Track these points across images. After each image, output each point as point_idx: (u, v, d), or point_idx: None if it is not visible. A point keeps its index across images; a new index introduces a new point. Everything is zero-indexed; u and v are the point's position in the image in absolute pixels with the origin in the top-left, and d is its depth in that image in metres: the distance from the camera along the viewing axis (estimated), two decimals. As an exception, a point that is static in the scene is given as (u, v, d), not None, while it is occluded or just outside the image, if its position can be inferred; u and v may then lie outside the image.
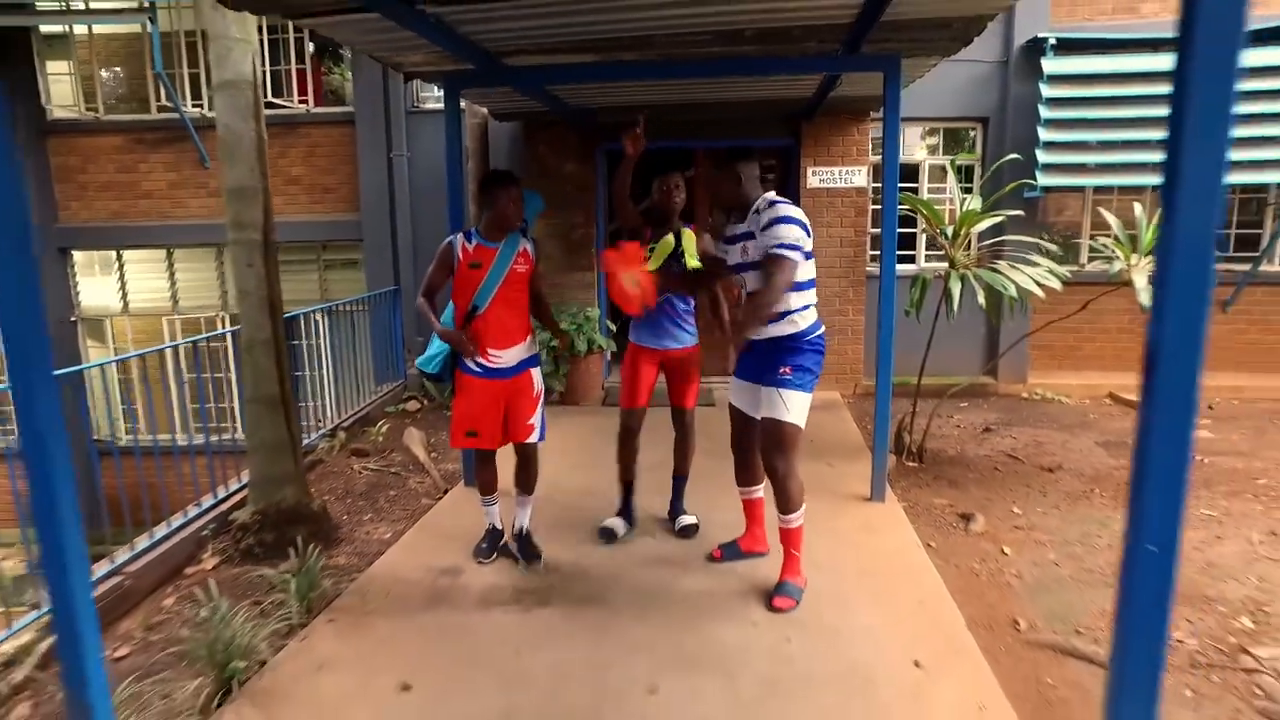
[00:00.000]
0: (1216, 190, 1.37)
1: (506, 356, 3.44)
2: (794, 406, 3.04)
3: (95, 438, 8.10)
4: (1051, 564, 3.83)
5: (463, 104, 4.96)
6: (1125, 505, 1.46)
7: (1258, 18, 6.71)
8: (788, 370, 3.02)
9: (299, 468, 4.19)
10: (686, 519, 3.98)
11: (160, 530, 4.01)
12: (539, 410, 3.56)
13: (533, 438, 3.55)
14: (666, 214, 3.65)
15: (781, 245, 2.92)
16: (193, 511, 4.27)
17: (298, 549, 3.62)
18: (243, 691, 2.74)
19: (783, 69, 4.48)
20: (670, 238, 3.62)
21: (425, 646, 3.00)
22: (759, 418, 3.12)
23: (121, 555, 3.70)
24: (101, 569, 3.59)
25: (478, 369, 3.45)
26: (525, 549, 3.70)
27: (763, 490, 3.47)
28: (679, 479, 4.02)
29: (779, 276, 2.88)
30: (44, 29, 7.86)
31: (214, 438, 5.24)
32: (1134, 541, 1.52)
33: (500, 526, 3.81)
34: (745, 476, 3.54)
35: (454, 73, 4.43)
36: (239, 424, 7.07)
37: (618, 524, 3.94)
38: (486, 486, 3.74)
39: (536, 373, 3.58)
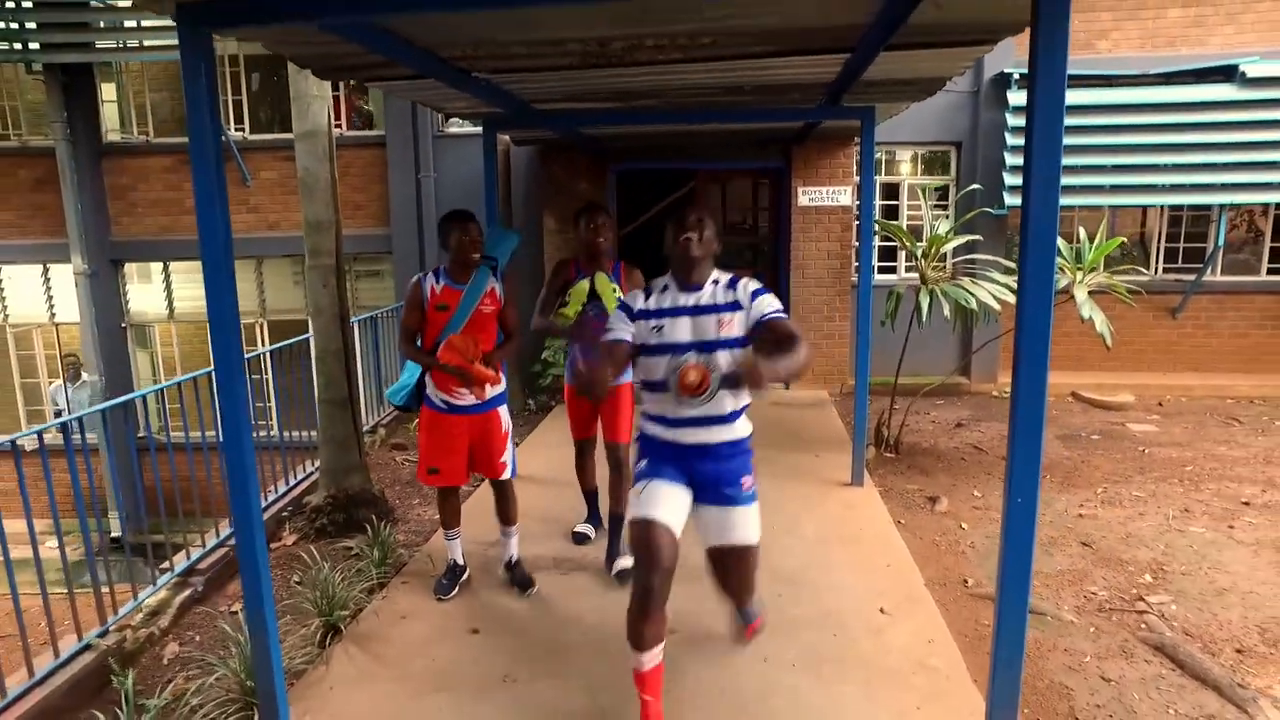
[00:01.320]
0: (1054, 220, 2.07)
1: (472, 394, 3.46)
2: (757, 521, 2.62)
3: (144, 434, 8.82)
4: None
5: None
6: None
7: (1197, 57, 7.49)
8: (749, 482, 2.58)
9: (363, 458, 4.91)
10: (623, 562, 3.77)
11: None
12: (509, 447, 3.60)
13: (506, 474, 3.59)
14: (592, 253, 3.67)
15: (783, 311, 2.49)
16: (271, 496, 4.99)
17: (370, 526, 4.34)
18: (346, 634, 3.47)
19: (774, 117, 5.21)
20: (585, 282, 3.65)
21: (486, 600, 3.72)
22: (721, 545, 2.59)
23: (225, 529, 4.42)
24: (211, 540, 4.31)
25: (442, 404, 3.48)
26: (517, 578, 3.76)
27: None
28: (615, 519, 3.85)
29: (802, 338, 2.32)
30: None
31: (258, 434, 5.89)
32: (1008, 498, 2.25)
33: (462, 562, 3.81)
34: (654, 630, 2.47)
35: (492, 116, 5.15)
36: (273, 422, 7.78)
37: (588, 529, 4.30)
38: (448, 521, 3.74)
39: (504, 411, 3.59)
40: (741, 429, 2.61)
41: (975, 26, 3.19)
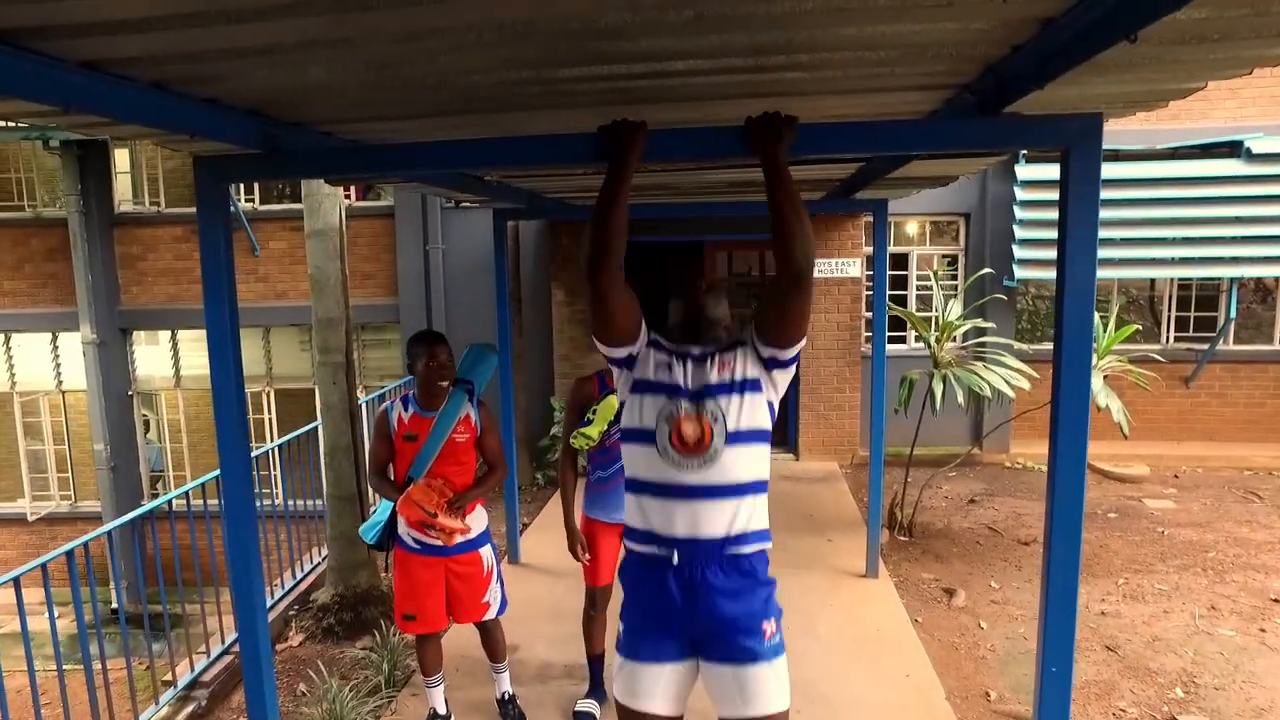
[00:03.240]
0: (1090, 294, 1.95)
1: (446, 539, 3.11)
2: (786, 680, 2.00)
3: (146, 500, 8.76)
4: (1021, 638, 4.46)
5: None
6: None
7: (1201, 131, 7.54)
8: (772, 629, 1.97)
9: (370, 555, 4.84)
10: (586, 705, 3.55)
11: (255, 611, 4.63)
12: (493, 586, 3.29)
13: (490, 614, 3.30)
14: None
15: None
16: (278, 593, 4.90)
17: (378, 630, 4.25)
18: (354, 759, 3.37)
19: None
20: (613, 398, 3.17)
21: (496, 713, 3.62)
22: (740, 718, 1.94)
23: (230, 635, 4.33)
24: (216, 648, 4.22)
25: (415, 545, 3.16)
26: (510, 715, 3.50)
27: None
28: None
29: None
30: (111, 131, 8.66)
31: (270, 502, 5.77)
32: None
33: (444, 711, 3.45)
34: None
35: (503, 209, 5.17)
36: (277, 489, 7.72)
37: (592, 706, 3.53)
38: (427, 668, 3.37)
39: (487, 552, 3.28)
40: (759, 517, 1.98)
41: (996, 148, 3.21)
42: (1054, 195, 7.51)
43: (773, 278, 1.91)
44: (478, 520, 3.24)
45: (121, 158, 8.95)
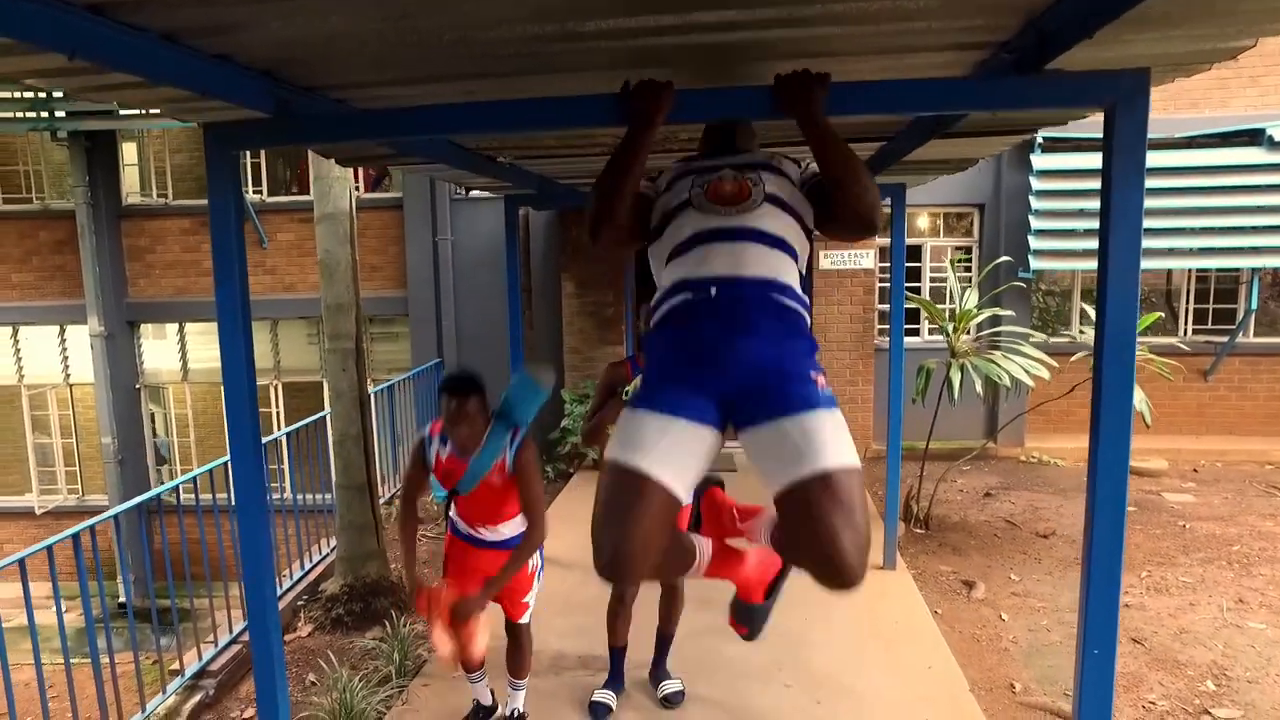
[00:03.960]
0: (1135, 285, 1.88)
1: (494, 533, 2.99)
2: (850, 438, 1.68)
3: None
4: (1044, 629, 4.37)
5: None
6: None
7: (1220, 120, 7.43)
8: (820, 378, 1.74)
9: (381, 545, 4.77)
10: (670, 685, 3.51)
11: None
12: (534, 589, 3.11)
13: (524, 617, 3.11)
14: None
15: None
16: (286, 583, 4.84)
17: (389, 620, 4.18)
18: (365, 749, 3.30)
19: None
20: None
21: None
22: (804, 476, 1.57)
23: (239, 625, 4.26)
24: (224, 638, 4.15)
25: (465, 534, 3.02)
26: None
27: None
28: (663, 639, 3.53)
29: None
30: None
31: (280, 495, 5.71)
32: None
33: (490, 701, 3.38)
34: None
35: (514, 195, 5.10)
36: (287, 483, 7.67)
37: (609, 697, 3.46)
38: (469, 663, 3.17)
39: (534, 559, 3.06)
40: (790, 274, 1.78)
41: (1026, 122, 3.11)
42: (1071, 185, 7.46)
43: (836, 205, 1.76)
44: (521, 523, 3.02)
45: (130, 150, 8.92)
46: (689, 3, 1.68)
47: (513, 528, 3.00)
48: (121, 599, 8.17)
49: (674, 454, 1.64)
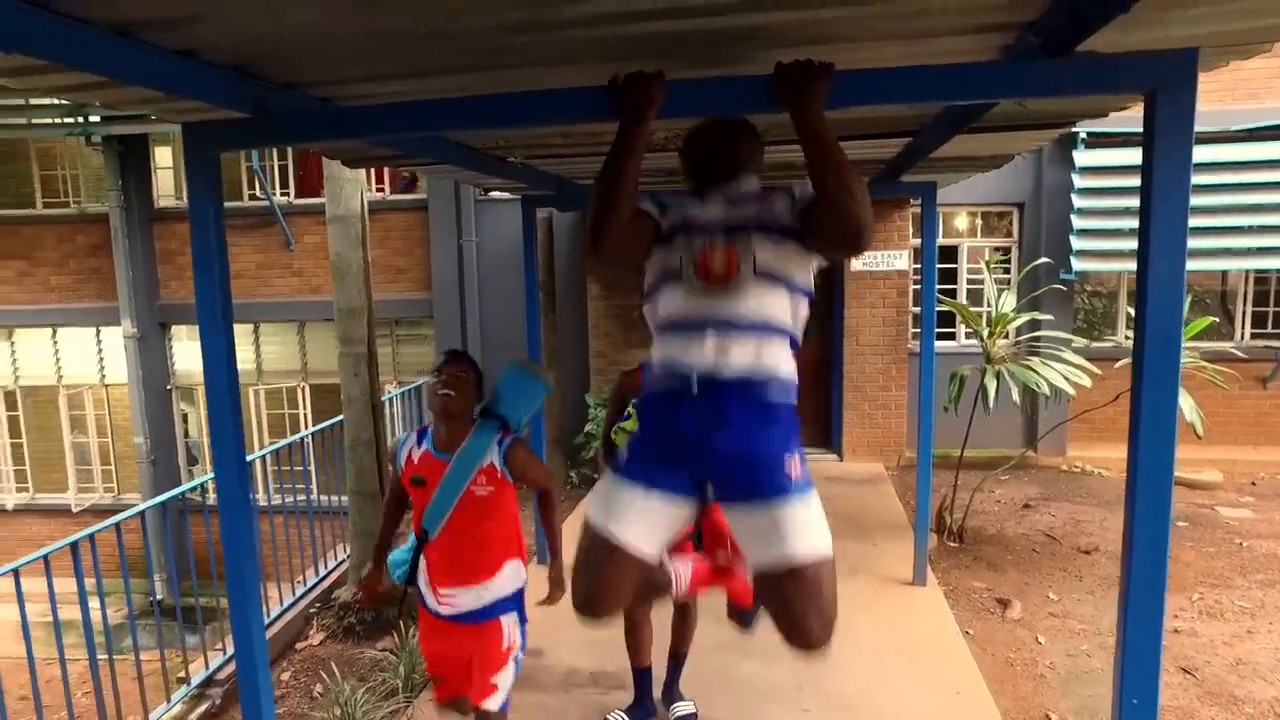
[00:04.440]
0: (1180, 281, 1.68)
1: (461, 599, 2.50)
2: (823, 521, 1.77)
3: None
4: (1084, 654, 4.12)
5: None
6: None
7: (1264, 111, 7.04)
8: (797, 464, 1.76)
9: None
10: (683, 707, 3.29)
11: (275, 608, 4.52)
12: (508, 669, 2.58)
13: (490, 702, 2.52)
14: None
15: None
16: (299, 590, 4.79)
17: (398, 630, 4.09)
18: (363, 767, 3.20)
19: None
20: None
21: (516, 728, 3.42)
22: (775, 564, 1.70)
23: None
24: (232, 646, 4.10)
25: (431, 606, 2.59)
26: None
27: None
28: (676, 658, 3.30)
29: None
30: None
31: (294, 498, 5.68)
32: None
33: None
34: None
35: (532, 197, 4.98)
36: (314, 485, 7.68)
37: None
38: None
39: (508, 622, 2.58)
40: (785, 364, 1.78)
41: (1059, 114, 2.90)
42: (1115, 182, 7.11)
43: (823, 218, 1.67)
44: (500, 586, 2.54)
45: (163, 154, 9.02)
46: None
47: (496, 587, 2.51)
48: (154, 596, 8.28)
49: (646, 523, 1.77)
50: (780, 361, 1.78)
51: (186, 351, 9.22)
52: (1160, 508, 1.79)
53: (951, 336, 7.94)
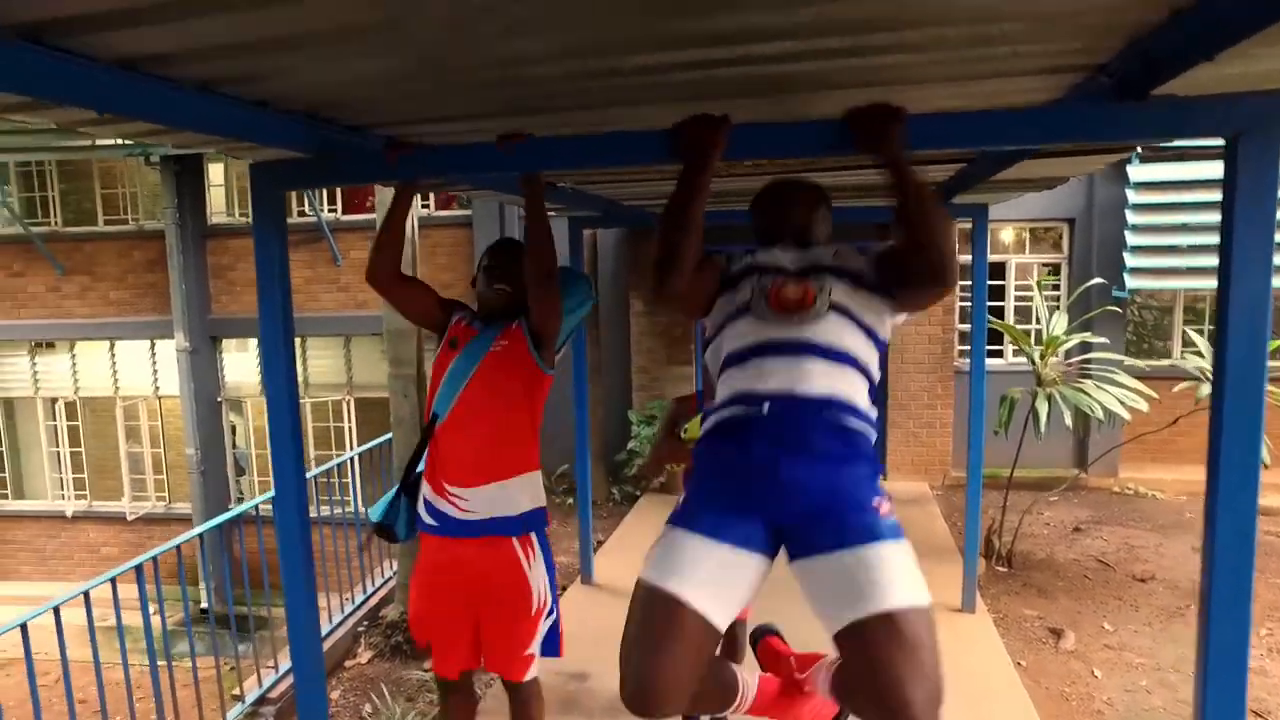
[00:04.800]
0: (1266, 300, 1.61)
1: (474, 501, 2.17)
2: (918, 570, 1.59)
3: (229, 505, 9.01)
4: (1144, 691, 4.00)
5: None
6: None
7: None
8: (884, 504, 1.61)
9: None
10: None
11: (324, 626, 4.59)
12: (541, 632, 2.24)
13: (529, 673, 2.25)
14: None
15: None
16: (348, 607, 4.86)
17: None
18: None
19: (874, 215, 4.91)
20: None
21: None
22: (863, 617, 1.48)
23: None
24: (285, 663, 4.17)
25: (431, 521, 2.23)
26: None
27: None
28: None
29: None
30: (206, 146, 8.98)
31: (341, 510, 5.75)
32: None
33: None
34: None
35: (579, 217, 5.02)
36: (360, 502, 7.79)
37: None
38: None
39: (535, 549, 2.23)
40: (864, 396, 1.64)
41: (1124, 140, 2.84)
42: (1171, 198, 6.95)
43: (906, 258, 1.65)
44: (519, 493, 2.20)
45: (216, 172, 9.27)
46: (742, 35, 1.54)
47: (514, 491, 2.19)
48: (203, 605, 8.46)
49: (713, 580, 1.53)
50: (859, 391, 1.64)
51: (236, 364, 9.44)
52: (1243, 546, 1.72)
53: (999, 354, 7.80)
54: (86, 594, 3.13)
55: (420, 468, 2.33)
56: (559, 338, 2.34)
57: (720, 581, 1.55)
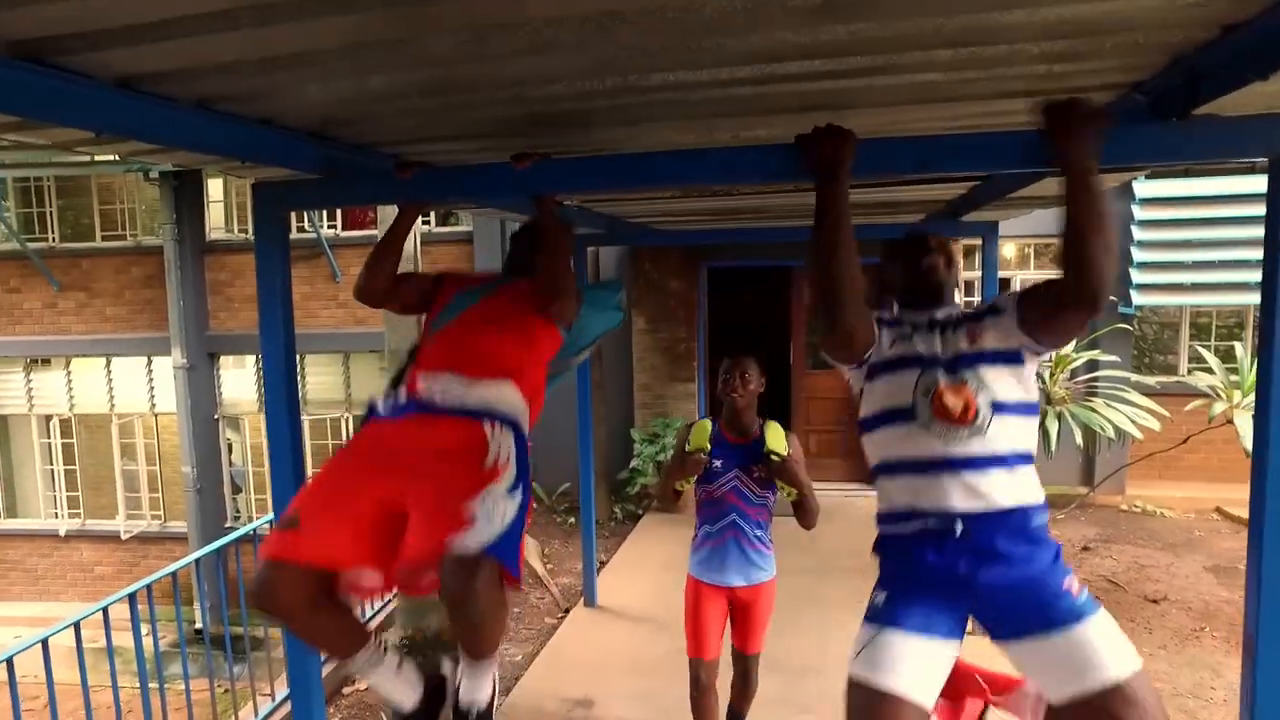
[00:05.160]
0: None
1: (448, 389, 1.88)
2: (1120, 631, 1.66)
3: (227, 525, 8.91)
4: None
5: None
6: (1239, 651, 1.64)
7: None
8: (1075, 582, 1.68)
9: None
10: None
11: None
12: (493, 493, 1.77)
13: (469, 538, 1.67)
14: (734, 411, 2.83)
15: None
16: (347, 631, 4.75)
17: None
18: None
19: (881, 233, 4.85)
20: (706, 421, 2.88)
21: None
22: (1081, 694, 1.55)
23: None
24: (282, 690, 4.07)
25: (406, 403, 1.91)
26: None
27: None
28: (735, 716, 3.16)
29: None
30: (205, 161, 8.93)
31: None
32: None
33: (409, 708, 1.94)
34: None
35: (582, 234, 4.96)
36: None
37: None
38: (336, 644, 1.86)
39: (501, 432, 1.86)
40: (1037, 488, 1.72)
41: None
42: (1179, 214, 6.90)
43: (1055, 286, 1.65)
44: (505, 393, 1.95)
45: (215, 187, 9.22)
46: (774, 50, 1.47)
47: (492, 392, 1.88)
48: (198, 625, 8.33)
49: (924, 670, 1.63)
50: (1033, 485, 1.72)
51: (233, 381, 9.35)
52: None
53: (1004, 371, 7.75)
54: (77, 625, 3.03)
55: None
56: (572, 320, 2.19)
57: (929, 670, 1.64)
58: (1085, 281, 1.56)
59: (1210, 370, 5.15)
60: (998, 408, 1.67)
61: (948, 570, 1.65)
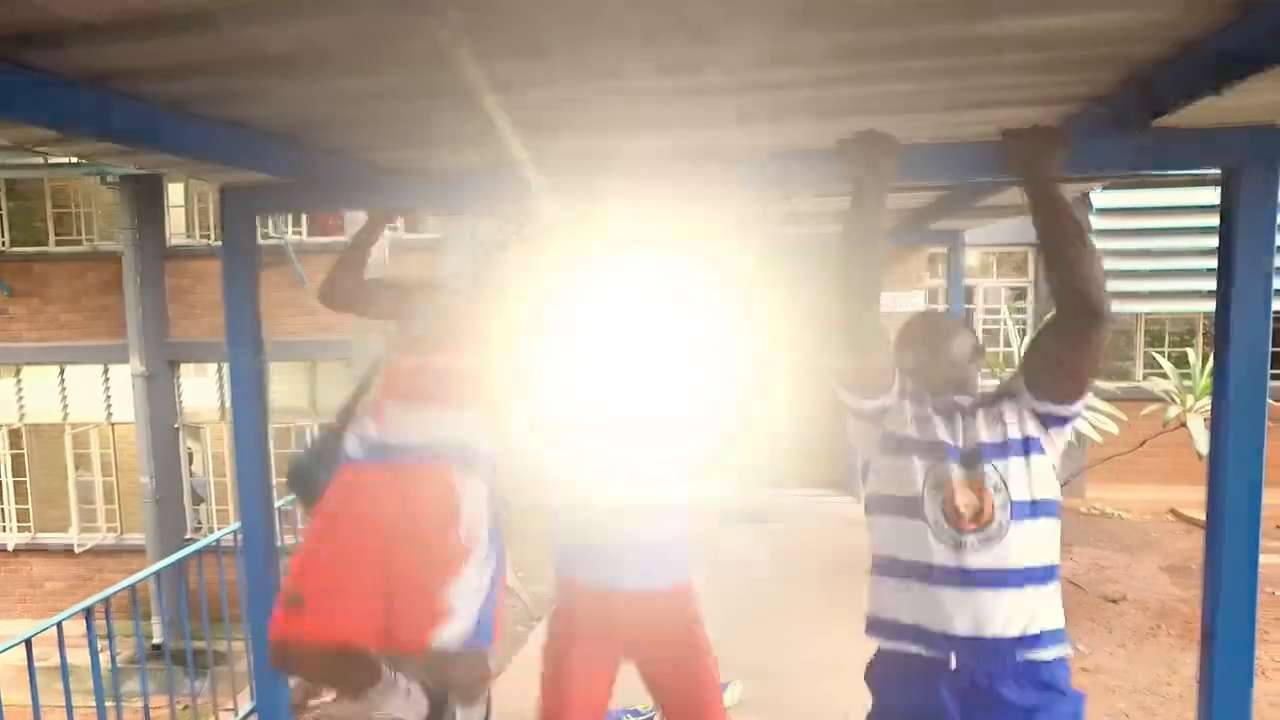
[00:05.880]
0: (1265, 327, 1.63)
1: (416, 426, 1.83)
2: None
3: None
4: (1122, 715, 3.99)
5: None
6: (1194, 647, 1.65)
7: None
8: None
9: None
10: None
11: (288, 664, 4.40)
12: (466, 577, 1.76)
13: (447, 634, 1.72)
14: None
15: None
16: (313, 643, 4.66)
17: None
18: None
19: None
20: None
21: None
22: None
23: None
24: (245, 704, 3.98)
25: (358, 449, 1.85)
26: None
27: None
28: None
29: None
30: (165, 165, 8.76)
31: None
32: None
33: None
34: None
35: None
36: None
37: None
38: (353, 686, 1.91)
39: (468, 480, 1.83)
40: (1058, 614, 1.57)
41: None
42: (1134, 223, 7.10)
43: (1052, 319, 1.58)
44: (472, 424, 1.89)
45: (176, 192, 9.04)
46: (728, 64, 1.49)
47: (434, 422, 1.82)
48: (155, 640, 8.13)
49: None
50: (1055, 611, 1.56)
51: (195, 389, 9.17)
52: (1247, 571, 1.73)
53: (967, 377, 7.90)
54: (28, 642, 2.93)
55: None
56: None
57: None
58: (1081, 288, 1.49)
59: (1165, 375, 5.29)
60: (1017, 509, 1.51)
61: (939, 706, 1.48)
